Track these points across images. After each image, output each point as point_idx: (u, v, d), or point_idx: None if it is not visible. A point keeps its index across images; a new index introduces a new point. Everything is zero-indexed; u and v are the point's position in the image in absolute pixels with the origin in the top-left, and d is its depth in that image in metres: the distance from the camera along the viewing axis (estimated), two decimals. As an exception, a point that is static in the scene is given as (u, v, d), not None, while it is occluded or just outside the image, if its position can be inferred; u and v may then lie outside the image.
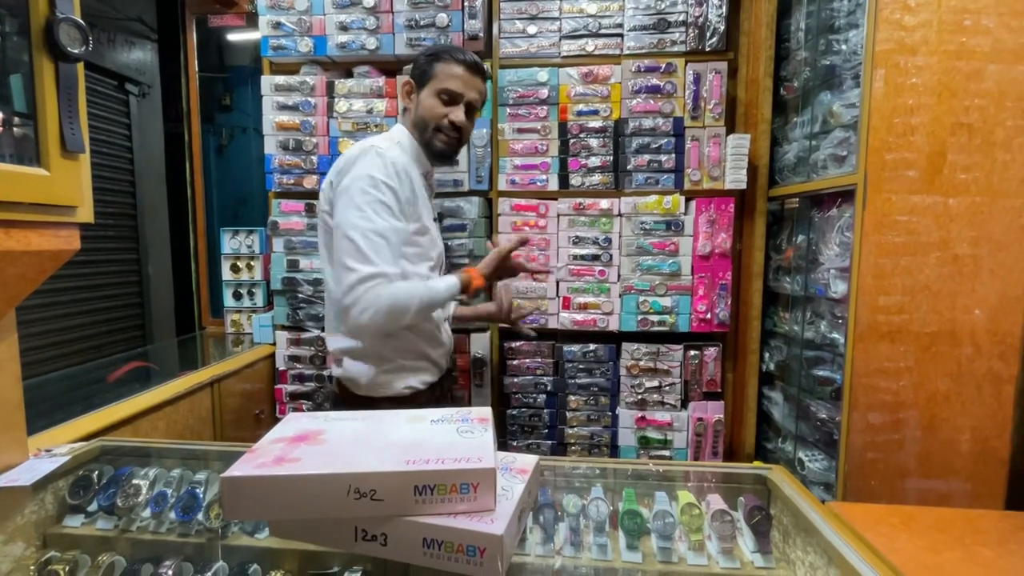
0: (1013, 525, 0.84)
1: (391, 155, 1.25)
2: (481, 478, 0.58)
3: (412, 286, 1.24)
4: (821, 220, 1.64)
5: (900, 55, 1.29)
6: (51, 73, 0.88)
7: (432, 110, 1.35)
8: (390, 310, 1.19)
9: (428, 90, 1.35)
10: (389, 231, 1.21)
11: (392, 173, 1.24)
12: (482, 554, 0.57)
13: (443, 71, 1.34)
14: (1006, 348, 1.19)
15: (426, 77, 1.35)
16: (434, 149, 1.38)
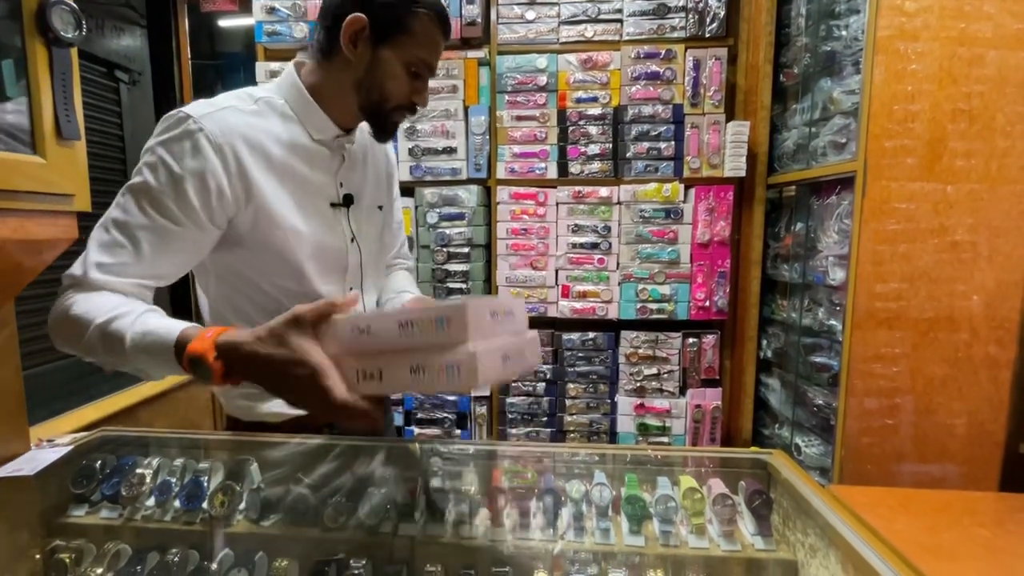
0: (1009, 506, 0.86)
1: (213, 124, 0.85)
2: (454, 313, 0.60)
3: (100, 308, 0.76)
4: (820, 207, 1.64)
5: (901, 41, 1.28)
6: (44, 58, 0.86)
7: (398, 83, 0.90)
8: (58, 328, 0.81)
9: (394, 51, 0.89)
10: (145, 232, 0.83)
11: (192, 154, 0.83)
12: (458, 370, 0.59)
13: (423, 31, 0.89)
14: (1004, 333, 1.21)
15: (395, 30, 0.88)
16: (383, 128, 0.96)
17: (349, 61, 0.89)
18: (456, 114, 1.92)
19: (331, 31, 0.89)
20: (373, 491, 0.96)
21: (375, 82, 0.90)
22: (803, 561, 0.89)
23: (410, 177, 1.96)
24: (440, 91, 1.91)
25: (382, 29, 0.88)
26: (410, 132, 1.93)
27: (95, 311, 0.76)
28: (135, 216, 0.83)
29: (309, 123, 0.94)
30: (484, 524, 0.96)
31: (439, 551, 0.93)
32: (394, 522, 0.95)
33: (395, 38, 0.88)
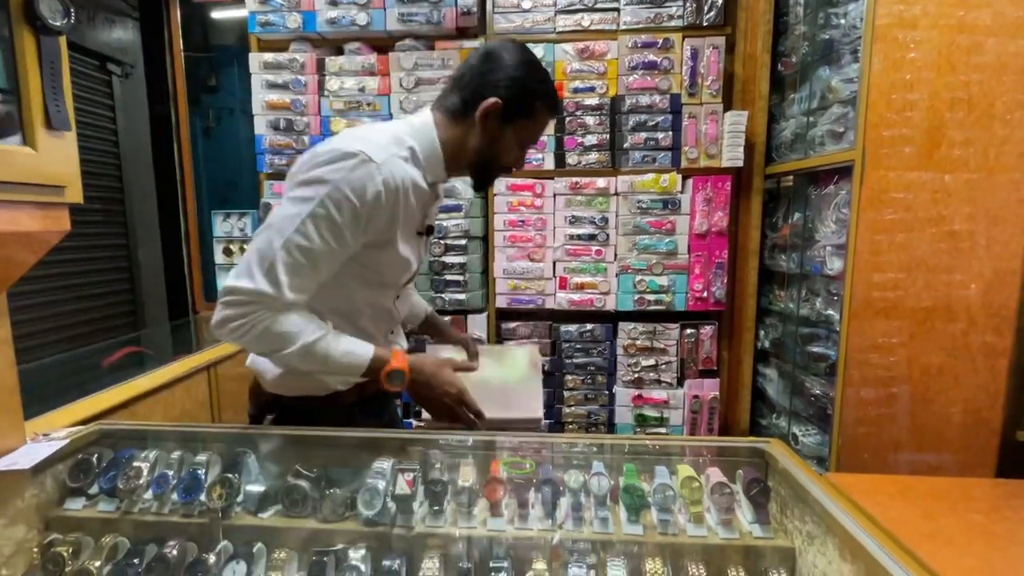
0: (1005, 492, 0.86)
1: (389, 171, 0.98)
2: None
3: (301, 329, 0.97)
4: (818, 197, 1.64)
5: (900, 29, 1.27)
6: (32, 47, 0.85)
7: (510, 154, 1.13)
8: (261, 340, 0.97)
9: (516, 130, 1.10)
10: (323, 256, 0.98)
11: (371, 193, 0.97)
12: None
13: (541, 117, 1.12)
14: (1000, 321, 1.21)
15: (522, 114, 1.09)
16: (481, 182, 1.20)
17: (475, 129, 1.08)
18: (452, 105, 1.90)
19: (467, 102, 1.07)
20: (371, 482, 0.96)
21: (493, 151, 1.11)
22: (800, 548, 0.89)
23: (406, 169, 1.94)
24: (436, 82, 1.89)
25: (511, 112, 1.07)
26: (406, 123, 1.91)
27: (297, 331, 0.99)
28: (317, 244, 0.97)
29: (430, 170, 1.10)
30: (482, 515, 0.96)
31: (437, 542, 0.93)
32: (392, 513, 0.95)
33: (519, 120, 1.09)
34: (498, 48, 1.09)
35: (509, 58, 1.07)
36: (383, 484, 0.96)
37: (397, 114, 1.92)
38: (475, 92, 1.06)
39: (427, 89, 1.90)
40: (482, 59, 1.08)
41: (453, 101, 1.09)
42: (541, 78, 1.11)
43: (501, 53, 1.08)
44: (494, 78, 1.06)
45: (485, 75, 1.07)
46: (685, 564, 0.89)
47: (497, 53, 1.08)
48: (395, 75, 1.89)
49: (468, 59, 1.11)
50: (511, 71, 1.07)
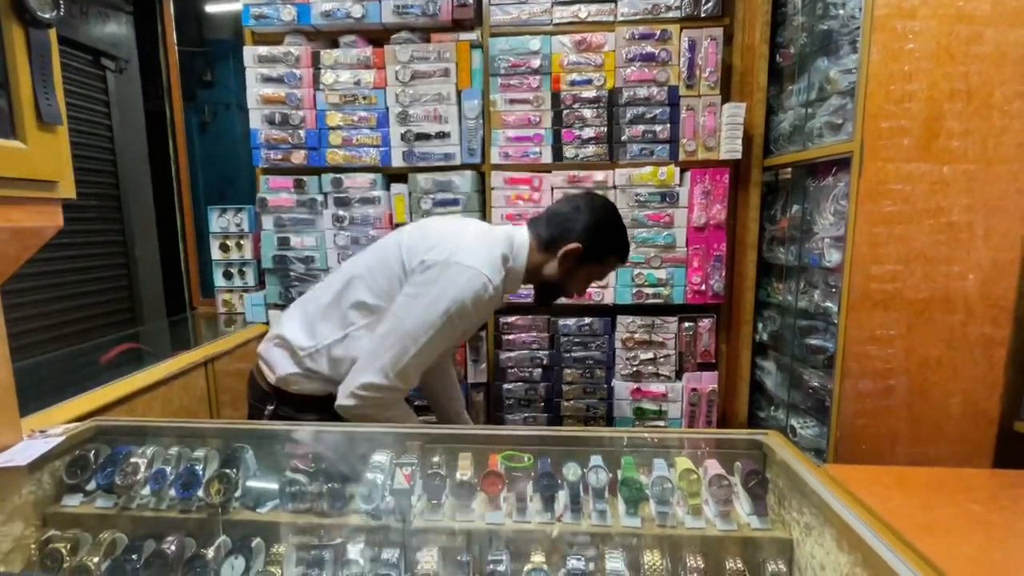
0: (1003, 482, 0.86)
1: (494, 285, 1.19)
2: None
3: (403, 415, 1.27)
4: (816, 189, 1.63)
5: (899, 19, 1.26)
6: (21, 40, 0.84)
7: (579, 287, 1.37)
8: (376, 417, 1.19)
9: (587, 270, 1.32)
10: (435, 353, 1.20)
11: (483, 304, 1.18)
12: None
13: (612, 264, 1.37)
14: (999, 312, 1.21)
15: (597, 260, 1.31)
16: (544, 301, 1.43)
17: (554, 262, 1.28)
18: (449, 98, 1.89)
19: (555, 239, 1.28)
20: (369, 476, 0.96)
21: (564, 283, 1.33)
22: (798, 540, 0.89)
23: (403, 163, 1.93)
24: (432, 75, 1.88)
25: (587, 257, 1.28)
26: (402, 117, 1.90)
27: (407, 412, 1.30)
28: (440, 346, 1.20)
29: (511, 284, 1.30)
30: (481, 508, 0.96)
31: (435, 536, 0.93)
32: (391, 507, 0.95)
33: (592, 264, 1.31)
34: (591, 200, 1.32)
35: (597, 212, 1.29)
36: (381, 478, 0.96)
37: (393, 107, 1.90)
38: (563, 232, 1.27)
39: (423, 82, 1.89)
40: (576, 206, 1.30)
41: (543, 233, 1.29)
42: (619, 234, 1.33)
43: (592, 205, 1.30)
44: (581, 225, 1.27)
45: (574, 220, 1.28)
46: (683, 556, 0.89)
47: (589, 204, 1.30)
48: (391, 68, 1.88)
49: (566, 199, 1.35)
50: (596, 223, 1.28)
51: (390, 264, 1.24)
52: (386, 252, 1.27)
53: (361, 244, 1.96)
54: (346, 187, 1.94)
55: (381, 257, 1.27)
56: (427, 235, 1.26)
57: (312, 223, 1.97)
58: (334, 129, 1.92)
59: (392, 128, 1.91)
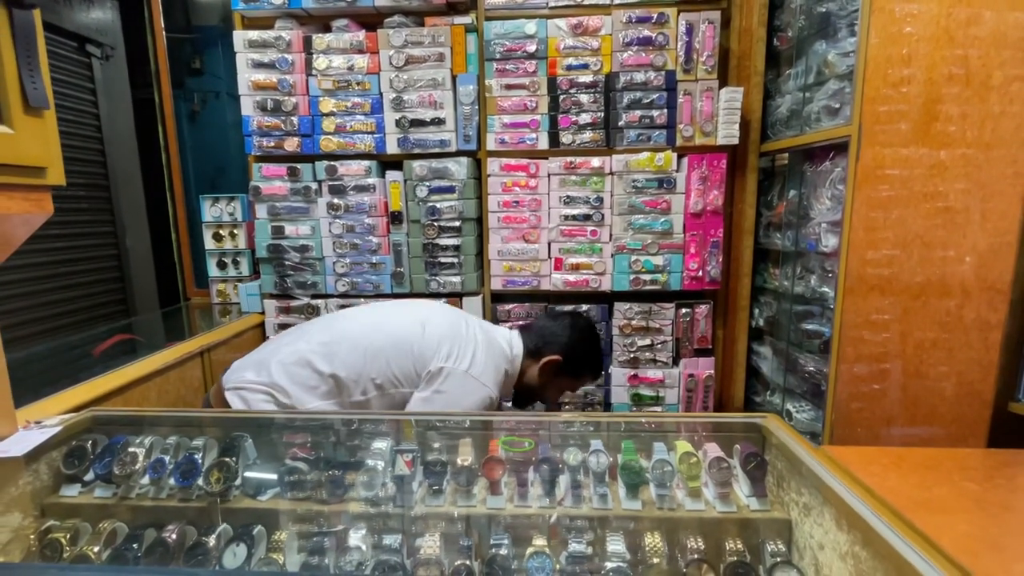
0: (998, 462, 0.87)
1: (494, 397, 1.35)
2: None
3: None
4: (813, 174, 1.63)
5: (898, 2, 1.25)
6: (4, 21, 0.82)
7: (553, 395, 1.55)
8: None
9: (561, 382, 1.51)
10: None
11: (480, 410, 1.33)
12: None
13: (584, 381, 1.57)
14: (995, 295, 1.22)
15: (571, 374, 1.49)
16: (521, 405, 1.55)
17: (534, 370, 1.46)
18: (444, 83, 1.86)
19: (539, 348, 1.46)
20: (370, 464, 0.96)
21: (541, 391, 1.51)
22: (797, 520, 0.90)
23: (398, 149, 1.91)
24: (426, 59, 1.85)
25: (565, 370, 1.47)
26: (396, 103, 1.87)
27: None
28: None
29: (505, 391, 1.46)
30: (482, 493, 0.97)
31: (436, 521, 0.94)
32: (391, 493, 0.95)
33: (567, 377, 1.50)
34: (576, 320, 1.53)
35: (580, 332, 1.49)
36: (382, 465, 0.96)
37: (387, 93, 1.88)
38: (547, 344, 1.46)
39: (417, 67, 1.86)
40: (564, 323, 1.49)
41: (530, 343, 1.47)
42: (595, 356, 1.53)
43: (576, 324, 1.50)
44: (563, 341, 1.46)
45: (559, 336, 1.46)
46: (683, 538, 0.90)
47: (574, 323, 1.50)
48: (384, 53, 1.85)
49: (555, 314, 1.61)
50: (577, 342, 1.47)
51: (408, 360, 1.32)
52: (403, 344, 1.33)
53: (356, 232, 1.94)
54: (340, 174, 1.92)
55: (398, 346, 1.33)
56: (441, 339, 1.34)
57: (307, 211, 1.95)
58: (327, 116, 1.90)
59: (386, 114, 1.89)
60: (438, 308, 1.48)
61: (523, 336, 1.49)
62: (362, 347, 1.31)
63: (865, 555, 0.71)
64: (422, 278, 1.96)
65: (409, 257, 1.96)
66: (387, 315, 1.44)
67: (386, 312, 1.46)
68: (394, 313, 1.45)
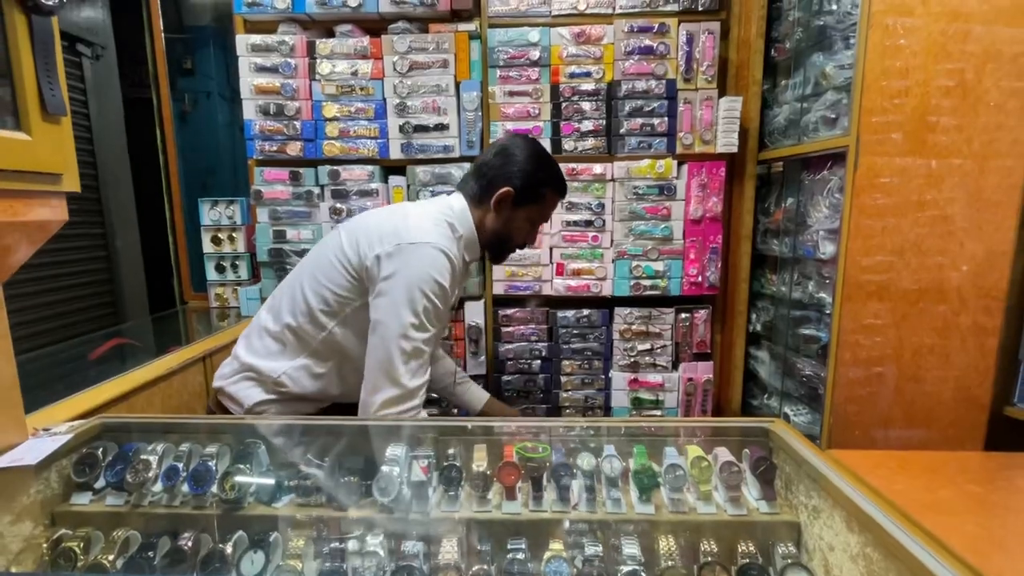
0: (997, 464, 0.91)
1: (452, 254, 1.18)
2: None
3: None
4: (811, 183, 1.67)
5: (895, 16, 1.29)
6: (24, 28, 0.81)
7: (522, 234, 1.33)
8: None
9: (526, 212, 1.29)
10: (431, 340, 1.18)
11: (449, 275, 1.17)
12: None
13: (550, 200, 1.32)
14: (991, 302, 1.26)
15: (531, 200, 1.28)
16: (498, 257, 1.38)
17: (491, 214, 1.27)
18: (447, 89, 1.88)
19: (484, 189, 1.26)
20: (386, 469, 0.96)
21: (507, 232, 1.30)
22: (806, 522, 0.93)
23: (401, 155, 1.92)
24: (430, 66, 1.86)
25: (521, 198, 1.26)
26: (400, 109, 1.88)
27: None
28: (428, 330, 1.17)
29: (469, 251, 1.29)
30: (496, 498, 0.98)
31: (454, 527, 0.95)
32: (408, 499, 0.96)
33: (529, 205, 1.28)
34: (510, 143, 1.28)
35: (520, 152, 1.26)
36: (397, 471, 0.97)
37: (391, 98, 1.88)
38: (492, 180, 1.26)
39: (421, 73, 1.87)
40: (497, 153, 1.28)
41: (473, 188, 1.28)
42: (548, 167, 1.30)
43: (513, 148, 1.27)
44: (508, 170, 1.25)
45: (501, 167, 1.26)
46: (697, 541, 0.92)
47: (510, 148, 1.27)
48: (388, 59, 1.86)
49: (487, 152, 1.31)
50: (523, 162, 1.25)
51: (336, 269, 1.21)
52: (324, 259, 1.24)
53: (359, 237, 1.94)
54: (343, 179, 1.92)
55: (320, 265, 1.24)
56: (368, 231, 1.20)
57: (309, 215, 1.95)
58: (331, 120, 1.90)
59: (390, 120, 1.89)
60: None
61: (463, 188, 1.30)
62: (293, 283, 1.26)
63: (877, 556, 0.73)
64: (424, 283, 1.97)
65: (411, 262, 1.96)
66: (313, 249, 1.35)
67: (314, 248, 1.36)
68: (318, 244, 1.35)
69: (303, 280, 1.25)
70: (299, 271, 1.29)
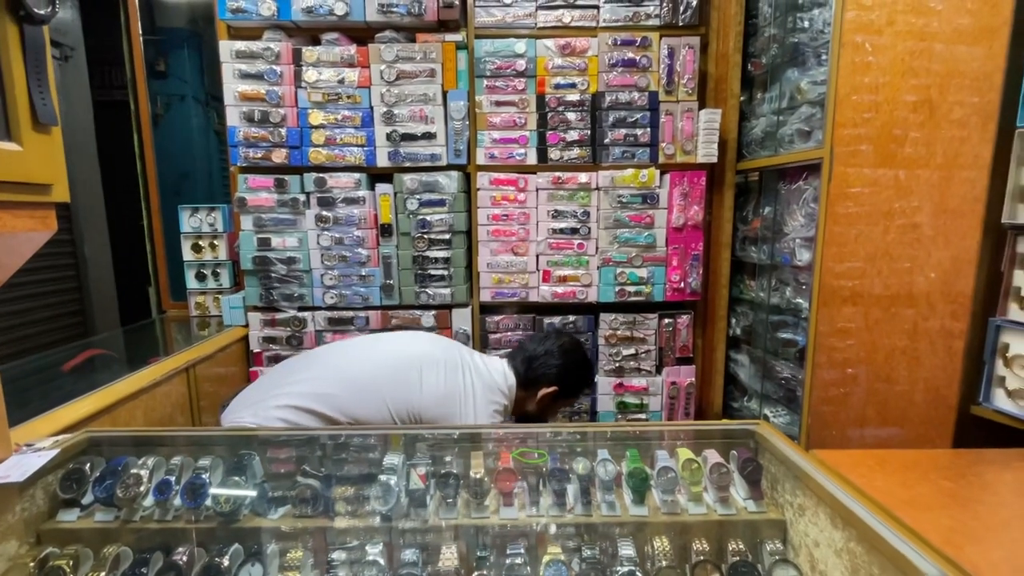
0: (967, 461, 0.96)
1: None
2: None
3: None
4: (787, 192, 1.74)
5: (864, 35, 1.36)
6: (16, 37, 0.80)
7: (553, 415, 1.70)
8: None
9: (562, 402, 1.68)
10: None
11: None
12: None
13: (578, 396, 1.76)
14: (958, 307, 1.33)
15: (570, 395, 1.65)
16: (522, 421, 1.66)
17: (534, 398, 1.59)
18: (435, 99, 1.89)
19: (533, 381, 1.58)
20: (383, 478, 0.97)
21: (542, 414, 1.63)
22: (791, 520, 0.97)
23: (388, 163, 1.92)
24: (417, 75, 1.88)
25: (562, 395, 1.60)
26: (388, 117, 1.89)
27: None
28: None
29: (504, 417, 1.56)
30: (493, 504, 0.99)
31: (452, 533, 0.96)
32: (405, 507, 0.96)
33: (567, 398, 1.66)
34: (561, 344, 1.61)
35: (568, 356, 1.60)
36: (395, 479, 0.98)
37: (378, 107, 1.89)
38: (540, 376, 1.57)
39: (408, 82, 1.88)
40: (551, 349, 1.59)
41: (521, 372, 1.57)
42: (587, 373, 1.70)
43: (565, 350, 1.60)
44: (555, 371, 1.57)
45: (550, 365, 1.57)
46: (689, 541, 0.95)
47: (563, 349, 1.60)
48: (376, 67, 1.86)
49: (545, 343, 1.62)
50: (568, 367, 1.59)
51: (404, 413, 1.41)
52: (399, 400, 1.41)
53: (345, 244, 1.94)
54: (329, 187, 1.91)
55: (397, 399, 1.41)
56: (438, 400, 1.41)
57: (294, 223, 1.94)
58: (317, 128, 1.89)
59: (377, 128, 1.90)
60: (433, 354, 1.51)
61: (513, 366, 1.58)
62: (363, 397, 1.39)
63: (860, 550, 0.78)
64: (412, 290, 1.97)
65: (399, 269, 1.97)
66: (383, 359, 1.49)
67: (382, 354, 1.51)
68: (390, 356, 1.50)
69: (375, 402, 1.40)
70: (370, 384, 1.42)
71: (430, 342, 1.59)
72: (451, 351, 1.55)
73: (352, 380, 1.41)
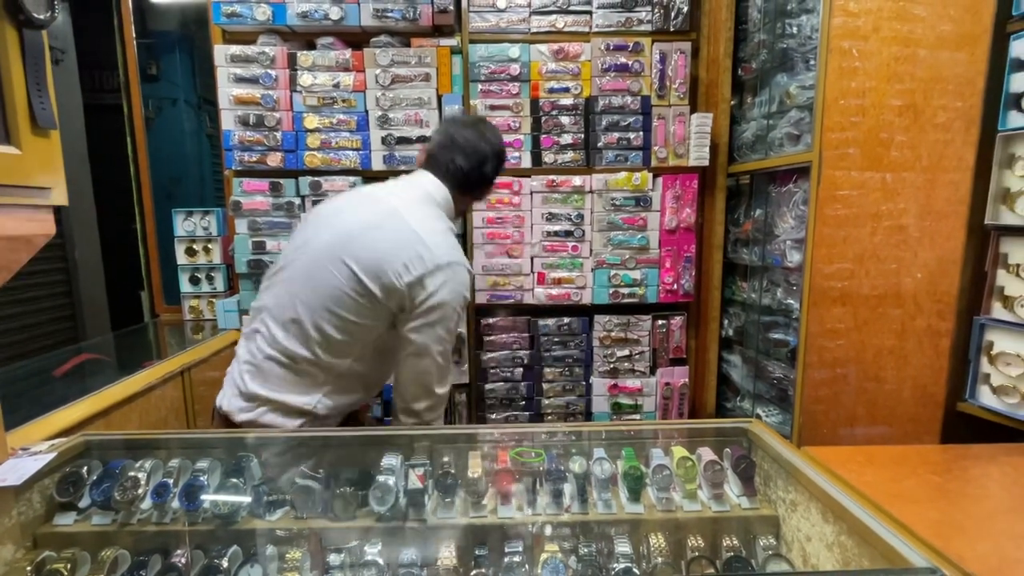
0: (953, 456, 0.99)
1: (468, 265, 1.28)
2: None
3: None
4: (777, 195, 1.77)
5: (851, 40, 1.39)
6: (15, 41, 0.81)
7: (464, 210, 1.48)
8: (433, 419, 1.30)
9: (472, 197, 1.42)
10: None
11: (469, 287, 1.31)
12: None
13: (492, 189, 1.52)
14: (943, 307, 1.36)
15: (481, 191, 1.41)
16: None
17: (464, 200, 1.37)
18: (430, 102, 1.90)
19: (462, 188, 1.32)
20: (382, 479, 0.97)
21: (459, 211, 1.39)
22: (784, 516, 0.98)
23: (384, 166, 1.93)
24: (412, 79, 1.89)
25: (476, 192, 1.39)
26: (383, 121, 1.90)
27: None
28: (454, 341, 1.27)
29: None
30: (491, 503, 1.00)
31: (451, 533, 0.97)
32: (404, 507, 0.97)
33: (478, 194, 1.42)
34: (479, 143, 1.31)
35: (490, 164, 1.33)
36: (393, 480, 0.98)
37: (373, 111, 1.90)
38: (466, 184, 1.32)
39: (403, 86, 1.90)
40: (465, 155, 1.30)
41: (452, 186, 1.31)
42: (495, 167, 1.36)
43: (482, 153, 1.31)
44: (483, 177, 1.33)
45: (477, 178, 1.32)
46: (684, 537, 0.96)
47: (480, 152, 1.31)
48: (371, 71, 1.87)
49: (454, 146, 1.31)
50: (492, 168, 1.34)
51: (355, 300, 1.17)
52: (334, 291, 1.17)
53: (340, 248, 1.94)
54: (325, 190, 1.92)
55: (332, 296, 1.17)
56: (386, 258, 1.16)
57: (289, 226, 1.94)
58: (312, 132, 1.90)
59: (372, 131, 1.91)
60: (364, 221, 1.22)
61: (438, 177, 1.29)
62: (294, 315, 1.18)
63: (851, 544, 0.79)
64: (407, 293, 1.98)
65: (394, 272, 1.97)
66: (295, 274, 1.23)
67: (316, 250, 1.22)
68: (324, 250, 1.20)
69: (311, 313, 1.18)
70: (291, 301, 1.20)
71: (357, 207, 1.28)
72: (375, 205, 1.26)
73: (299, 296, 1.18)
